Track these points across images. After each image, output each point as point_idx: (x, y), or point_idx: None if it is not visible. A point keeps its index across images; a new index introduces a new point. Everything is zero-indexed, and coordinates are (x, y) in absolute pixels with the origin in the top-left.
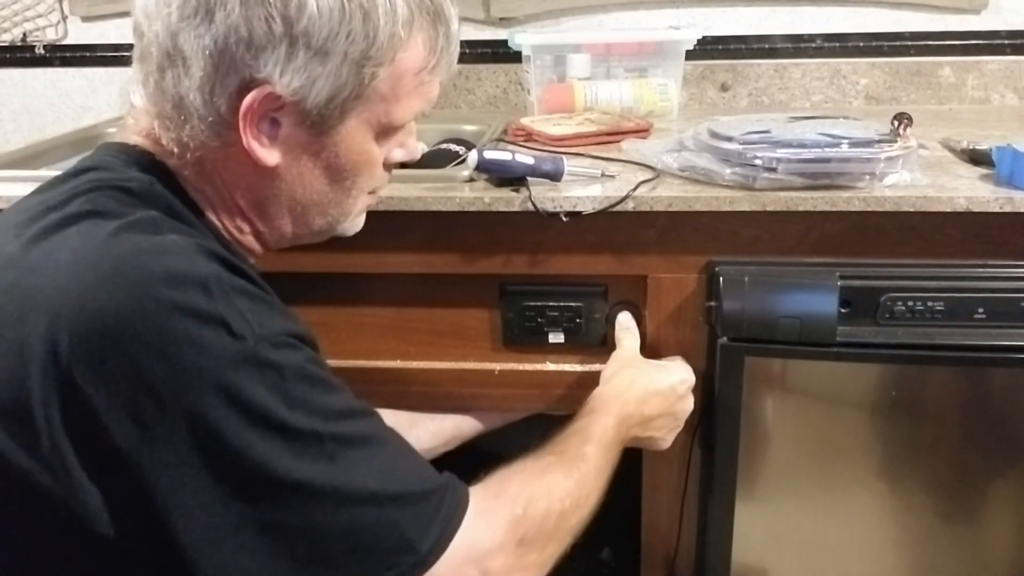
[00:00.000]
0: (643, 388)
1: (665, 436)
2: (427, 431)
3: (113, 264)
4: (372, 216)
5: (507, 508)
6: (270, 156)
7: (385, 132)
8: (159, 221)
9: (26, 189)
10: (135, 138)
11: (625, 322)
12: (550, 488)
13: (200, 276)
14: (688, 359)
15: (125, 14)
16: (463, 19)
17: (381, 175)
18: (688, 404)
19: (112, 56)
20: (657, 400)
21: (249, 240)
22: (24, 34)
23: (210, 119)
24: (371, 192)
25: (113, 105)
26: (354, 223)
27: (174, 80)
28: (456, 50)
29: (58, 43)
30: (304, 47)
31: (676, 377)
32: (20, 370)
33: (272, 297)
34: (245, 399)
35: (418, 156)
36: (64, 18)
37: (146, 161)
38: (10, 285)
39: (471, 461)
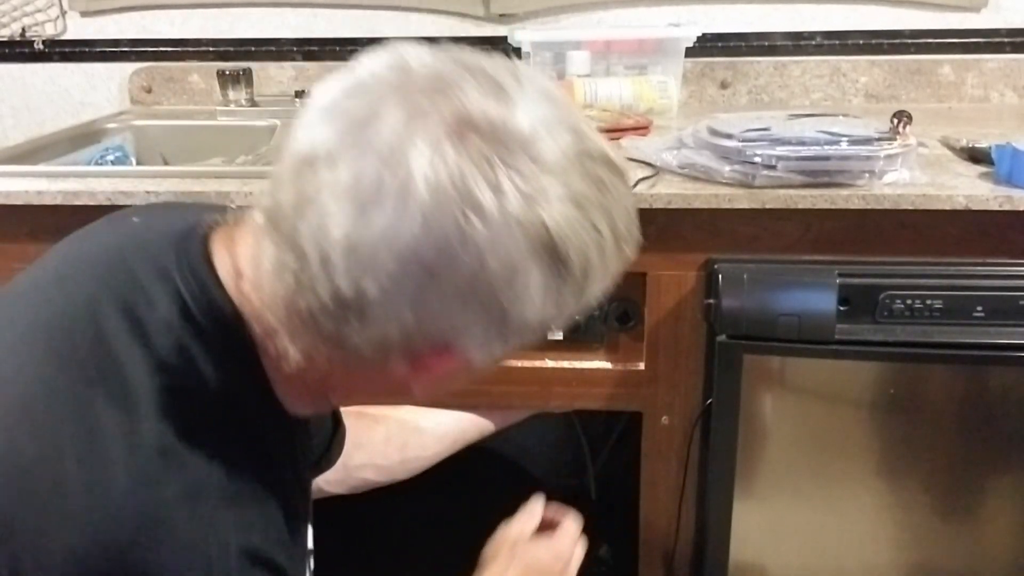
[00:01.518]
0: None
1: None
2: (432, 436)
3: (133, 533)
4: None
5: None
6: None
7: None
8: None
9: (26, 185)
10: (226, 266)
11: (532, 505)
12: None
13: None
14: (687, 357)
15: (124, 9)
16: (462, 15)
17: None
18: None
19: (111, 52)
20: None
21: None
22: (23, 29)
23: (359, 356)
24: None
25: (112, 100)
26: None
27: (336, 324)
28: None
29: (57, 38)
30: (504, 330)
31: (550, 555)
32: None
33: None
34: None
35: None
36: (63, 13)
37: (230, 317)
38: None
39: (471, 461)
